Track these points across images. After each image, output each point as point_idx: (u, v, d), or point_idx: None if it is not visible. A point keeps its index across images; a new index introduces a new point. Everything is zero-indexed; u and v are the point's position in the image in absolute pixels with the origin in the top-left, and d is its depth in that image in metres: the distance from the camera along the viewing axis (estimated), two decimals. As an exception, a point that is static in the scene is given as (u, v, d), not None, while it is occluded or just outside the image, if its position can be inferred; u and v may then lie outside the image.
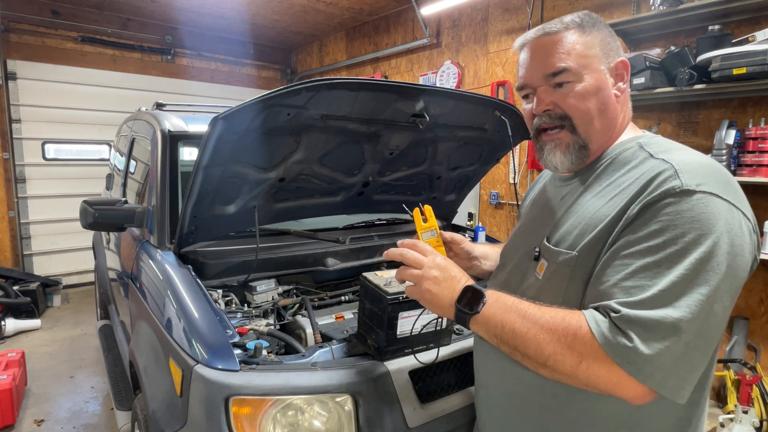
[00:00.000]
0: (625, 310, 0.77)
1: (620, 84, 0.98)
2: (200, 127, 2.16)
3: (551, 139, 0.99)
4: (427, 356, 1.39)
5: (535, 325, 0.84)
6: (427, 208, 1.16)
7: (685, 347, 0.75)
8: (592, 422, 0.92)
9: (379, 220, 2.54)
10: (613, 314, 0.78)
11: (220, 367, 1.26)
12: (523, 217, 1.24)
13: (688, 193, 0.79)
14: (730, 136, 2.81)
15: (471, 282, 0.96)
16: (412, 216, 1.17)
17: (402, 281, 1.04)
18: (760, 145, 2.73)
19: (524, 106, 1.06)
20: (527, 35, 1.00)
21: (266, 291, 1.82)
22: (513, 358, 0.90)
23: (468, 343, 1.49)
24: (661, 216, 0.80)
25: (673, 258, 0.77)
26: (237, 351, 1.32)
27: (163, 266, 1.72)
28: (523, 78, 1.01)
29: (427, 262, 0.98)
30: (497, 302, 0.91)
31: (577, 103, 0.94)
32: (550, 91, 0.96)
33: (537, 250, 1.01)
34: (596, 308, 0.83)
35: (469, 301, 0.92)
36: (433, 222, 1.16)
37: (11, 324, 4.21)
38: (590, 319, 0.81)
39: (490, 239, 2.73)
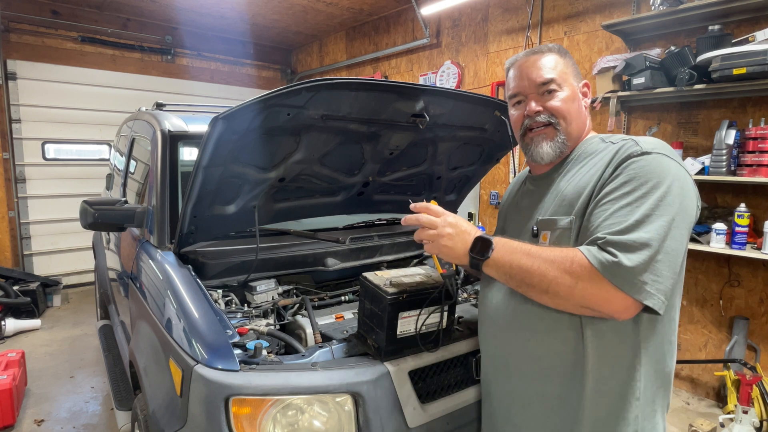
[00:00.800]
0: (609, 237, 0.99)
1: (585, 100, 1.26)
2: (200, 127, 2.16)
3: (538, 134, 1.23)
4: (428, 356, 1.39)
5: (538, 258, 1.04)
6: (433, 203, 1.25)
7: (655, 260, 0.97)
8: (606, 368, 1.08)
9: (379, 220, 2.54)
10: (599, 241, 1.00)
11: (220, 367, 1.26)
12: (506, 218, 1.43)
13: (646, 153, 1.06)
14: (730, 136, 2.81)
15: (480, 233, 1.13)
16: None
17: (420, 242, 1.19)
18: (760, 145, 2.73)
19: (512, 112, 1.29)
20: (518, 56, 1.26)
21: (266, 291, 1.82)
22: (519, 291, 1.11)
23: (468, 343, 1.49)
24: (628, 171, 1.05)
25: (639, 199, 1.01)
26: (237, 351, 1.32)
27: (163, 266, 1.72)
28: (516, 87, 1.25)
29: (440, 221, 1.15)
30: (504, 246, 1.09)
31: (561, 106, 1.20)
32: (539, 97, 1.21)
33: (534, 228, 1.20)
34: (587, 243, 1.04)
35: (480, 248, 1.10)
36: None
37: (11, 324, 4.21)
38: (583, 249, 1.02)
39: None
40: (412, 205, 1.20)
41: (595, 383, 1.09)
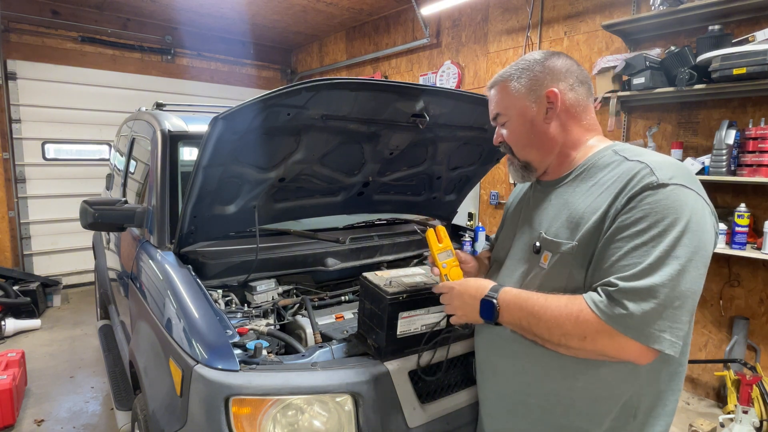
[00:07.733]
0: (621, 284, 0.95)
1: (554, 110, 1.18)
2: (200, 127, 2.16)
3: (507, 159, 1.29)
4: (427, 356, 1.39)
5: (543, 317, 1.02)
6: (441, 229, 1.24)
7: (668, 305, 0.92)
8: (599, 387, 1.07)
9: (379, 220, 2.54)
10: (610, 288, 0.96)
11: (220, 367, 1.26)
12: (510, 222, 1.37)
13: (663, 185, 0.98)
14: (730, 136, 2.81)
15: (483, 295, 1.13)
16: (425, 238, 1.24)
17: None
18: (760, 145, 2.73)
19: None
20: (488, 84, 1.29)
21: (266, 291, 1.82)
22: (536, 342, 1.08)
23: (468, 344, 1.49)
24: (643, 205, 0.98)
25: (655, 238, 0.95)
26: (237, 351, 1.32)
27: (163, 266, 1.72)
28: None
29: (447, 299, 1.20)
30: (510, 308, 1.09)
31: (510, 135, 1.23)
32: (498, 128, 1.26)
33: (537, 243, 1.16)
34: (596, 288, 0.99)
35: (486, 315, 1.12)
36: (448, 243, 1.24)
37: (11, 324, 4.20)
38: (588, 301, 0.98)
39: (489, 239, 2.73)
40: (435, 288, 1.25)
41: (589, 403, 1.08)
